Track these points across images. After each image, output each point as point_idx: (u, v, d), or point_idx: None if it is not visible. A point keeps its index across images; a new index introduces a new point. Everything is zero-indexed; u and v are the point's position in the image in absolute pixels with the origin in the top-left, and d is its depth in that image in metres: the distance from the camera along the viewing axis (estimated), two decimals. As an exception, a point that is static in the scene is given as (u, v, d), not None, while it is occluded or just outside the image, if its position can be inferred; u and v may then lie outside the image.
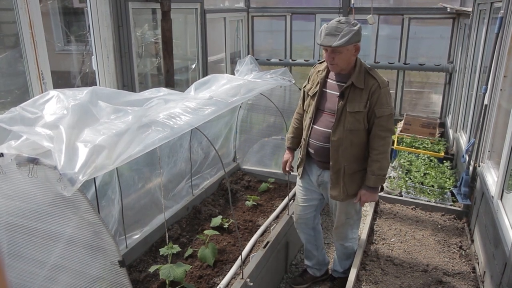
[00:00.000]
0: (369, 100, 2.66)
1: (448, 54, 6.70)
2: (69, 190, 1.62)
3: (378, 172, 2.73)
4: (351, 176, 2.82)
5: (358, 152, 2.78)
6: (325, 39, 2.56)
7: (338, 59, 2.64)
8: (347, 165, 2.78)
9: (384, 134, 2.70)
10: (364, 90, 2.67)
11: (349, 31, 2.54)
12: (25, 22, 3.25)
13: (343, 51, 2.60)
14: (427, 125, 6.24)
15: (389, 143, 2.75)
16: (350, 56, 2.66)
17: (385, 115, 2.68)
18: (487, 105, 3.93)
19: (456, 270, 3.48)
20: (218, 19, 6.57)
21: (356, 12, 6.66)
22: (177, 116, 2.29)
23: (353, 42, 2.58)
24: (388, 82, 2.77)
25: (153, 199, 3.51)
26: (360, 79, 2.69)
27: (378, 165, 2.72)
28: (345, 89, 2.70)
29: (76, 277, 2.03)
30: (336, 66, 2.70)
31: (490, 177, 3.68)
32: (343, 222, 3.03)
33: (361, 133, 2.73)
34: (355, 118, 2.69)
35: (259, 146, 4.73)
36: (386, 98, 2.69)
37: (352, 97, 2.69)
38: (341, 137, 2.72)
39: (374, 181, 2.76)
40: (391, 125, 2.73)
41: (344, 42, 2.52)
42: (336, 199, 2.89)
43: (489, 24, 4.35)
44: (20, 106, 1.89)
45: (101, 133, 1.88)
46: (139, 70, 4.85)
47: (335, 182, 2.84)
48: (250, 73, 3.64)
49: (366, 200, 2.83)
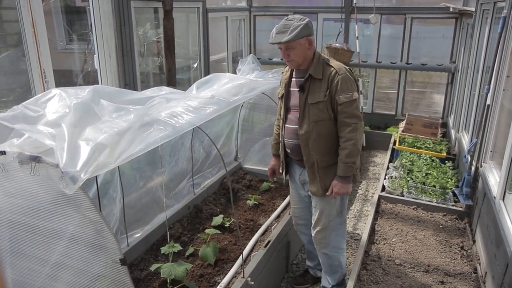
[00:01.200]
0: (329, 88, 2.65)
1: (451, 54, 6.69)
2: (71, 188, 1.62)
3: (345, 160, 2.65)
4: (325, 170, 2.77)
5: (329, 144, 2.73)
6: (276, 37, 2.61)
7: (293, 55, 2.66)
8: (319, 158, 2.74)
9: (350, 121, 2.64)
10: (323, 80, 2.67)
11: (297, 26, 2.57)
12: (27, 21, 3.26)
13: (296, 46, 2.62)
14: (429, 125, 6.24)
15: (356, 129, 2.65)
16: (304, 50, 2.66)
17: (347, 101, 2.62)
18: (489, 105, 3.92)
19: (458, 271, 3.48)
20: (220, 18, 6.57)
21: (359, 11, 6.65)
22: (178, 115, 2.30)
23: (303, 35, 2.59)
24: (349, 69, 2.72)
25: (154, 198, 3.52)
26: (317, 70, 2.69)
27: (345, 152, 2.65)
28: (305, 82, 2.71)
29: (78, 275, 2.04)
30: (293, 62, 2.72)
31: (492, 178, 3.67)
32: (325, 225, 2.90)
33: (327, 123, 2.69)
34: (318, 108, 2.67)
35: (261, 145, 4.73)
36: (347, 84, 2.64)
37: (312, 88, 2.69)
38: (308, 130, 2.70)
39: (343, 169, 2.67)
40: (355, 110, 2.66)
41: (293, 36, 2.55)
42: (316, 194, 2.83)
43: (492, 24, 4.34)
44: (23, 104, 1.90)
45: (103, 131, 1.88)
46: (141, 69, 4.85)
47: (312, 177, 2.81)
48: (252, 72, 3.64)
49: (338, 191, 2.72)
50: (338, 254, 3.03)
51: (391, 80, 7.16)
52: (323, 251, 3.00)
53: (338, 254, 3.03)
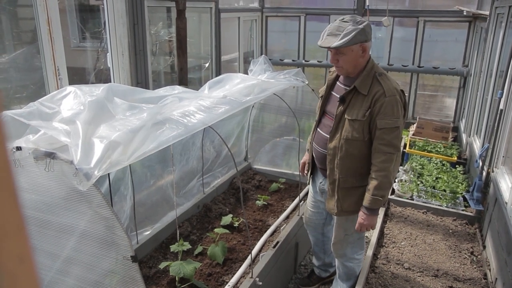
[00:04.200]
0: (371, 108, 2.37)
1: (463, 57, 6.63)
2: (85, 185, 1.64)
3: (374, 192, 2.39)
4: (347, 191, 2.57)
5: (356, 166, 2.50)
6: (326, 39, 2.35)
7: (342, 61, 2.40)
8: (342, 178, 2.53)
9: (386, 149, 2.36)
10: (368, 97, 2.39)
11: (352, 30, 2.29)
12: (43, 19, 3.30)
13: (347, 52, 2.35)
14: (440, 129, 6.19)
15: (391, 160, 2.38)
16: (356, 57, 2.39)
17: (387, 127, 2.34)
18: (502, 110, 3.88)
19: (467, 276, 3.45)
20: (232, 19, 6.59)
21: (371, 14, 6.63)
22: (191, 114, 2.31)
23: (357, 42, 2.31)
24: (401, 91, 2.44)
25: (164, 196, 3.54)
26: (365, 84, 2.41)
27: (375, 184, 2.38)
28: (347, 94, 2.46)
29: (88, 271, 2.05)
30: (341, 69, 2.48)
31: (504, 183, 3.63)
32: (341, 238, 2.78)
33: (359, 144, 2.44)
34: (353, 126, 2.42)
35: (271, 146, 4.73)
36: (392, 109, 2.35)
37: (353, 103, 2.43)
38: (337, 146, 2.49)
39: (370, 201, 2.42)
40: (395, 140, 2.37)
41: (345, 42, 2.28)
42: (331, 212, 2.69)
43: (507, 28, 4.30)
44: (38, 101, 1.92)
45: (116, 129, 1.90)
46: (153, 68, 4.89)
47: (331, 194, 2.63)
48: (264, 73, 3.64)
49: (362, 222, 2.50)
50: (353, 264, 2.96)
51: (403, 83, 7.12)
52: (339, 259, 2.96)
53: (353, 265, 2.97)
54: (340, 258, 2.94)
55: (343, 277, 3.06)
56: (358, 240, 2.85)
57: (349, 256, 2.90)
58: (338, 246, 2.85)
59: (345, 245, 2.82)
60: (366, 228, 2.54)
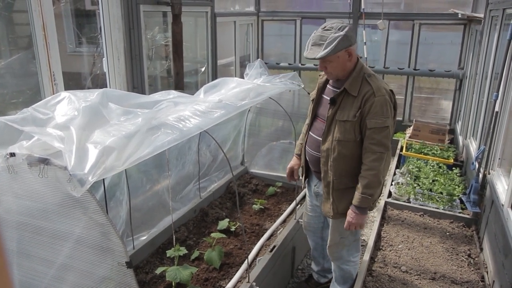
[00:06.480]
0: (361, 109, 2.41)
1: (459, 60, 6.66)
2: (79, 191, 1.63)
3: (363, 190, 2.44)
4: (341, 192, 2.59)
5: (350, 166, 2.53)
6: (311, 50, 2.39)
7: (330, 67, 2.46)
8: (336, 179, 2.56)
9: (376, 148, 2.41)
10: (357, 98, 2.43)
11: (335, 38, 2.32)
12: (38, 24, 3.30)
13: (333, 59, 2.40)
14: (436, 131, 6.21)
15: (381, 159, 2.42)
16: (343, 62, 2.44)
17: (377, 126, 2.39)
18: (498, 112, 3.89)
19: (465, 279, 3.44)
20: (228, 23, 6.61)
21: (367, 17, 6.65)
22: (186, 119, 2.31)
23: (341, 48, 2.36)
24: (390, 91, 2.48)
25: (160, 201, 3.53)
26: (354, 85, 2.46)
27: (364, 182, 2.43)
28: (338, 96, 2.50)
29: (83, 277, 2.04)
30: (331, 75, 2.54)
31: (500, 185, 3.64)
32: (337, 241, 2.80)
33: (351, 144, 2.48)
34: (345, 127, 2.46)
35: (267, 150, 4.73)
36: (382, 108, 2.39)
37: (344, 105, 2.48)
38: (330, 148, 2.52)
39: (359, 200, 2.46)
40: (384, 139, 2.41)
41: (328, 51, 2.32)
42: (327, 215, 2.71)
43: (501, 30, 4.32)
44: (32, 107, 1.92)
45: (111, 134, 1.89)
46: (149, 73, 4.88)
47: (326, 196, 2.66)
48: (260, 77, 3.64)
49: (350, 220, 2.52)
50: (350, 267, 2.97)
51: (399, 85, 7.14)
52: (335, 263, 2.96)
53: (350, 267, 2.97)
54: (336, 261, 2.94)
55: (339, 280, 3.05)
56: (354, 242, 2.86)
57: (345, 259, 2.90)
58: (334, 249, 2.86)
59: (341, 247, 2.83)
60: (355, 227, 2.56)
